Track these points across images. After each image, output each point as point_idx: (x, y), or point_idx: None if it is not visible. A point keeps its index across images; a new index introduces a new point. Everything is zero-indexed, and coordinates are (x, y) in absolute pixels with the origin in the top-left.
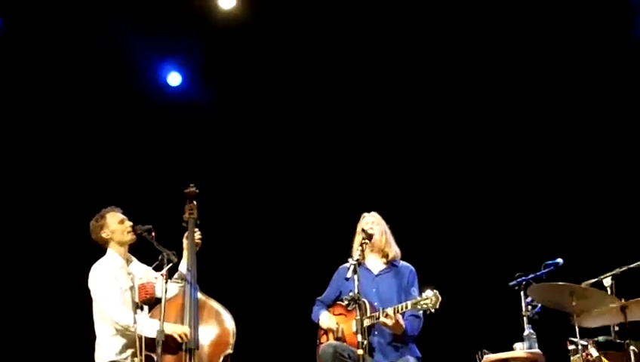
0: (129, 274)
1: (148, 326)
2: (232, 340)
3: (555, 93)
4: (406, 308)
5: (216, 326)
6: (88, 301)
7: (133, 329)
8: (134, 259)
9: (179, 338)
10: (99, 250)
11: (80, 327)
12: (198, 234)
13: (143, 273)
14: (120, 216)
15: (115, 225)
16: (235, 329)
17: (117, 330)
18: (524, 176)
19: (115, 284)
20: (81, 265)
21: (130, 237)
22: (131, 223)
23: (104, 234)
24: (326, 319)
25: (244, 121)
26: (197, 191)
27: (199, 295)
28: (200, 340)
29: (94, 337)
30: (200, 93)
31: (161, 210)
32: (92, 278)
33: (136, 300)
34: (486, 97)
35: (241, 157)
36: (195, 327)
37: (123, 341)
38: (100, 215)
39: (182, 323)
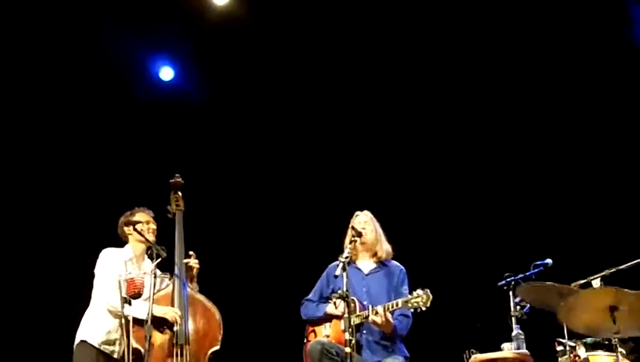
0: (135, 268)
1: (140, 307)
2: (219, 336)
3: (546, 97)
4: (396, 306)
5: (205, 322)
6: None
7: (126, 312)
8: (147, 261)
9: (171, 320)
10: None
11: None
12: (195, 263)
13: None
14: (148, 217)
15: (139, 224)
16: (222, 326)
17: (105, 315)
18: (514, 177)
19: (115, 269)
20: (66, 257)
21: (151, 239)
22: (155, 227)
23: (127, 229)
24: (332, 307)
25: (236, 116)
26: (182, 181)
27: (188, 290)
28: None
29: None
30: (192, 87)
31: (154, 202)
32: (98, 260)
33: (124, 294)
34: (477, 100)
35: (233, 151)
36: (184, 322)
37: (106, 328)
38: (131, 211)
39: None
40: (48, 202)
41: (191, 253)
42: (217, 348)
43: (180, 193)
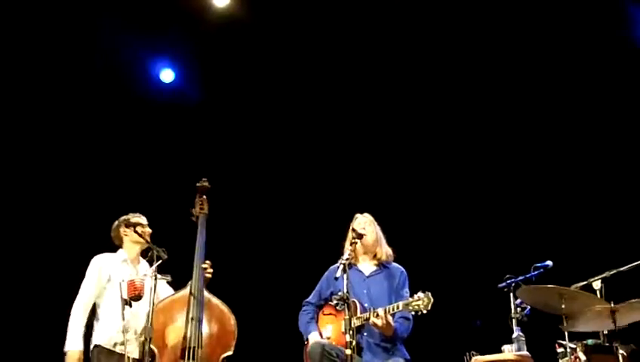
0: (131, 268)
1: (72, 342)
2: (233, 342)
3: (546, 99)
4: (397, 308)
5: (219, 326)
6: None
7: (70, 327)
8: (143, 263)
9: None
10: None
11: None
12: (209, 272)
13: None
14: (143, 221)
15: (136, 226)
16: (237, 332)
17: (112, 317)
18: (515, 179)
19: (97, 278)
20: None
21: (147, 240)
22: (151, 231)
23: (122, 230)
24: (314, 336)
25: (236, 118)
26: (208, 185)
27: (205, 293)
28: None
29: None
30: (192, 89)
31: (154, 206)
32: (88, 268)
33: (124, 296)
34: (477, 103)
35: (233, 155)
36: (198, 326)
37: (116, 329)
38: (126, 216)
39: (186, 320)
40: (48, 204)
41: (208, 262)
42: (230, 353)
43: (204, 197)
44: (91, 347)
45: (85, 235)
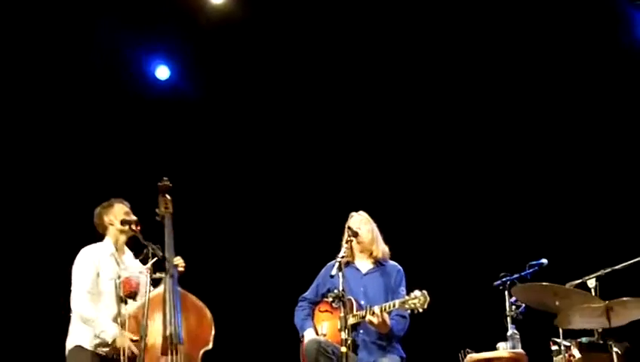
0: (119, 263)
1: (108, 329)
2: (211, 336)
3: (541, 97)
4: (393, 306)
5: (197, 322)
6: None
7: (92, 324)
8: (128, 253)
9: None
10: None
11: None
12: (181, 262)
13: (136, 267)
14: (127, 208)
15: (121, 214)
16: (213, 325)
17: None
18: (510, 177)
19: (92, 272)
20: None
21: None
22: (136, 218)
23: (106, 218)
24: (309, 333)
25: (233, 115)
26: (170, 184)
27: (180, 290)
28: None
29: None
30: (188, 86)
31: (148, 204)
32: (75, 261)
33: (120, 294)
34: (473, 100)
35: (229, 151)
36: (177, 322)
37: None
38: (109, 202)
39: (164, 317)
40: (40, 201)
41: (179, 257)
42: (209, 347)
43: (167, 196)
44: (69, 347)
45: (74, 229)
